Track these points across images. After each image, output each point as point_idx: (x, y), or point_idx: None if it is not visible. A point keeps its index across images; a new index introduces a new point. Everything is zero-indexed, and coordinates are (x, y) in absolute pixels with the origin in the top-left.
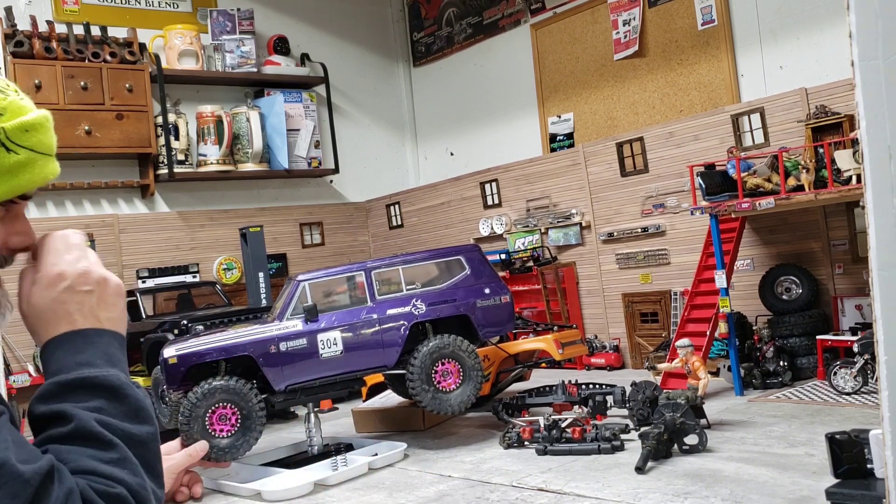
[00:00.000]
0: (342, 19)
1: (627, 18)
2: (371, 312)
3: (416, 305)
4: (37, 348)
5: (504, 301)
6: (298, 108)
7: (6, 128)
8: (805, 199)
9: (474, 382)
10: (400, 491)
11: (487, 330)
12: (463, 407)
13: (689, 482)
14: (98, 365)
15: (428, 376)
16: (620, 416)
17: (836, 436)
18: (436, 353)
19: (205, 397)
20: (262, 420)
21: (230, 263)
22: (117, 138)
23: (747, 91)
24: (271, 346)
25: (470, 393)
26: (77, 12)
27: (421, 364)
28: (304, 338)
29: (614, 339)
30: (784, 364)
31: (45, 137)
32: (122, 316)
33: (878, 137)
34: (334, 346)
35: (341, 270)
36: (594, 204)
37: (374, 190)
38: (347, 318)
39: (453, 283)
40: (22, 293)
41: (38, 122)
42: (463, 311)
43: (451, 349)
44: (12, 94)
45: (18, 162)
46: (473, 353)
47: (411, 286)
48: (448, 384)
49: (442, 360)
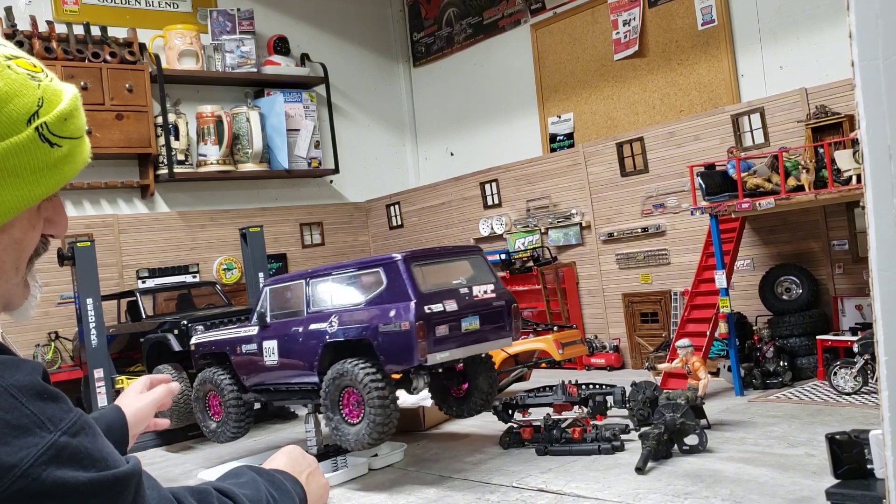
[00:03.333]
0: (342, 19)
1: (627, 18)
2: (299, 325)
3: (332, 323)
4: (37, 347)
5: (403, 328)
6: (298, 108)
7: (49, 122)
8: (805, 199)
9: (370, 422)
10: (400, 491)
11: (389, 360)
12: (359, 445)
13: (689, 482)
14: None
15: (334, 403)
16: (620, 416)
17: (836, 436)
18: (338, 379)
19: (201, 384)
20: (236, 413)
21: (230, 263)
22: (117, 138)
23: (747, 91)
24: (237, 346)
25: (364, 431)
26: (77, 12)
27: (326, 389)
28: (254, 343)
29: (614, 340)
30: (784, 364)
31: (79, 120)
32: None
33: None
34: (272, 356)
35: (290, 278)
36: (594, 204)
37: (374, 190)
38: (283, 329)
39: (369, 300)
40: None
41: (74, 107)
42: (365, 336)
43: (349, 378)
44: (44, 79)
45: (62, 155)
46: (373, 385)
47: (339, 300)
48: (353, 415)
49: (346, 388)
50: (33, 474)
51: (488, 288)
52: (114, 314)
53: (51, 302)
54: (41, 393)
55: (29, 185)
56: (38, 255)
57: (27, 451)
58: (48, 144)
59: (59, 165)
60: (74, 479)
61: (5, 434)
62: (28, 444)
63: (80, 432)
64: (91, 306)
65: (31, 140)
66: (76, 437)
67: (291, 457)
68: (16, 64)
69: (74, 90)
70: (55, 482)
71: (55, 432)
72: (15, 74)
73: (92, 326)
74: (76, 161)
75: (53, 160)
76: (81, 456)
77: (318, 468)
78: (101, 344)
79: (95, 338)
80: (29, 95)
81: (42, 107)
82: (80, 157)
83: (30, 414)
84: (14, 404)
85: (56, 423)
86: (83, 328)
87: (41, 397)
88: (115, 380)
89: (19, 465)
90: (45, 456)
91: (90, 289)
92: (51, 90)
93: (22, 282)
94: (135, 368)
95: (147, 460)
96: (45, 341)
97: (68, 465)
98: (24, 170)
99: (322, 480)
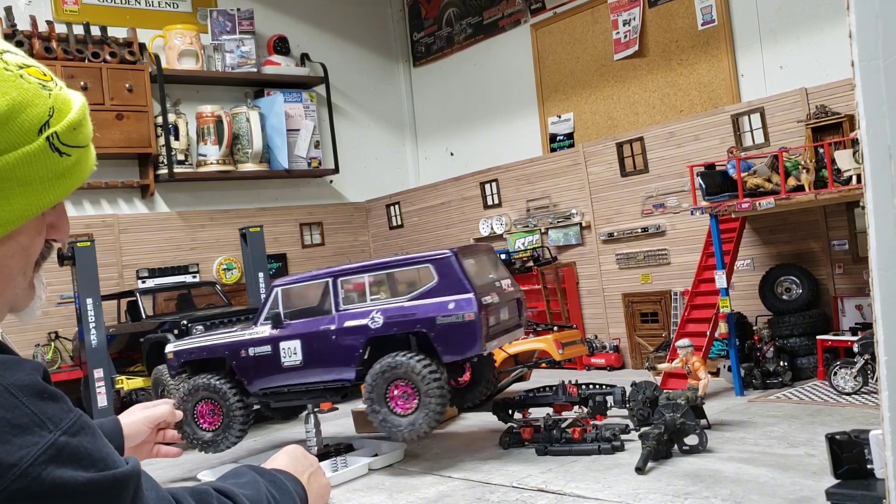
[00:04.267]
0: (342, 19)
1: (627, 18)
2: (330, 323)
3: (375, 318)
4: (37, 347)
5: (467, 319)
6: (298, 108)
7: (59, 132)
8: (805, 199)
9: (428, 410)
10: (400, 491)
11: (448, 350)
12: (415, 434)
13: (689, 482)
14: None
15: (381, 397)
16: (620, 416)
17: (836, 436)
18: (388, 372)
19: (190, 393)
20: (242, 419)
21: (230, 263)
22: (117, 138)
23: (747, 91)
24: (241, 350)
25: (421, 420)
26: (77, 12)
27: (373, 383)
28: (268, 344)
29: (614, 340)
30: (784, 364)
31: (87, 128)
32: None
33: (878, 137)
34: (294, 356)
35: (311, 277)
36: (594, 204)
37: (374, 190)
38: (308, 328)
39: (417, 295)
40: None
41: (83, 115)
42: (420, 329)
43: (404, 370)
44: (54, 87)
45: (71, 164)
46: (431, 376)
47: (376, 297)
48: (404, 407)
49: (396, 380)
50: (33, 473)
51: (509, 282)
52: (114, 314)
53: (51, 302)
54: (41, 392)
55: (38, 193)
56: (44, 258)
57: (27, 451)
58: (58, 154)
59: (67, 174)
60: (74, 478)
61: (5, 433)
62: (28, 443)
63: (80, 432)
64: (91, 306)
65: (41, 150)
66: (76, 436)
67: (293, 457)
68: (28, 73)
69: (83, 99)
70: (55, 481)
71: (55, 432)
72: (27, 84)
73: (92, 326)
74: (83, 169)
75: (62, 169)
76: (81, 456)
77: (319, 468)
78: (100, 344)
79: (95, 338)
80: (41, 105)
81: (53, 116)
82: (86, 166)
83: (30, 413)
84: (14, 403)
85: (56, 422)
86: (83, 328)
87: (41, 397)
88: (115, 380)
89: (19, 465)
90: (44, 455)
91: (90, 289)
92: (61, 99)
93: (28, 285)
94: (135, 368)
95: (147, 461)
96: (45, 341)
97: (68, 464)
98: (33, 179)
99: (323, 480)
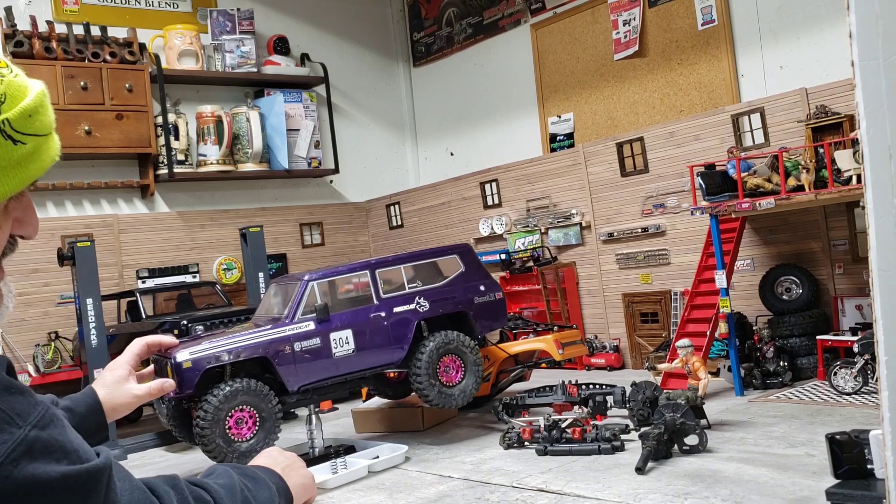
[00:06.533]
0: (342, 19)
1: (627, 18)
2: (378, 310)
3: (420, 303)
4: (37, 347)
5: (498, 297)
6: (298, 108)
7: (10, 118)
8: (805, 199)
9: (475, 376)
10: (400, 492)
11: (484, 325)
12: (466, 400)
13: (689, 483)
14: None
15: (434, 372)
16: (620, 416)
17: (836, 436)
18: (442, 348)
19: (227, 400)
20: (280, 421)
21: (230, 263)
22: (117, 138)
23: (747, 91)
24: (285, 346)
25: (471, 386)
26: (77, 12)
27: (428, 360)
28: (317, 337)
29: (614, 340)
30: (784, 364)
31: (46, 117)
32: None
33: (878, 137)
34: (346, 345)
35: (347, 269)
36: (594, 204)
37: (374, 190)
38: (357, 317)
39: (451, 281)
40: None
41: (39, 104)
42: (462, 308)
43: (456, 345)
44: (8, 74)
45: (27, 152)
46: (475, 348)
47: (413, 284)
48: (451, 378)
49: (445, 355)
50: (5, 472)
51: None
52: (114, 314)
53: (51, 302)
54: (8, 388)
55: None
56: (5, 255)
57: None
58: (11, 141)
59: (23, 163)
60: (47, 473)
61: None
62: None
63: (49, 424)
64: (91, 306)
65: None
66: (46, 429)
67: (268, 454)
68: None
69: (41, 86)
70: (27, 478)
71: (24, 427)
72: None
73: (92, 326)
74: (43, 159)
75: (17, 158)
76: (53, 448)
77: (297, 461)
78: (101, 344)
79: (95, 338)
80: None
81: (4, 103)
82: (47, 155)
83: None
84: None
85: (25, 417)
86: (83, 328)
87: (8, 392)
88: None
89: None
90: (16, 452)
91: (90, 289)
92: (14, 86)
93: None
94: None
95: (147, 460)
96: (45, 341)
97: (40, 458)
98: None
99: (304, 472)
